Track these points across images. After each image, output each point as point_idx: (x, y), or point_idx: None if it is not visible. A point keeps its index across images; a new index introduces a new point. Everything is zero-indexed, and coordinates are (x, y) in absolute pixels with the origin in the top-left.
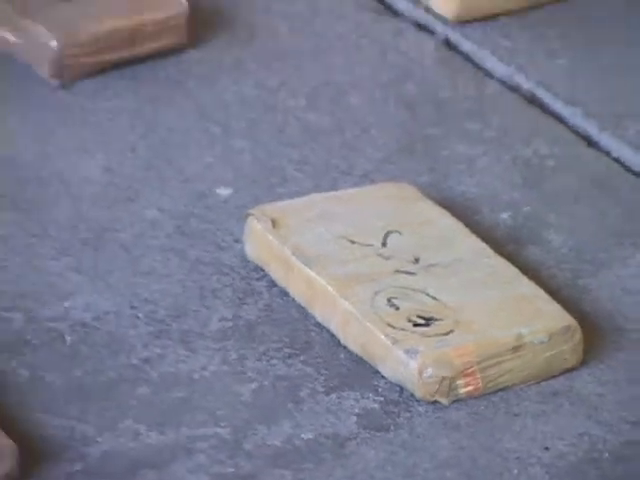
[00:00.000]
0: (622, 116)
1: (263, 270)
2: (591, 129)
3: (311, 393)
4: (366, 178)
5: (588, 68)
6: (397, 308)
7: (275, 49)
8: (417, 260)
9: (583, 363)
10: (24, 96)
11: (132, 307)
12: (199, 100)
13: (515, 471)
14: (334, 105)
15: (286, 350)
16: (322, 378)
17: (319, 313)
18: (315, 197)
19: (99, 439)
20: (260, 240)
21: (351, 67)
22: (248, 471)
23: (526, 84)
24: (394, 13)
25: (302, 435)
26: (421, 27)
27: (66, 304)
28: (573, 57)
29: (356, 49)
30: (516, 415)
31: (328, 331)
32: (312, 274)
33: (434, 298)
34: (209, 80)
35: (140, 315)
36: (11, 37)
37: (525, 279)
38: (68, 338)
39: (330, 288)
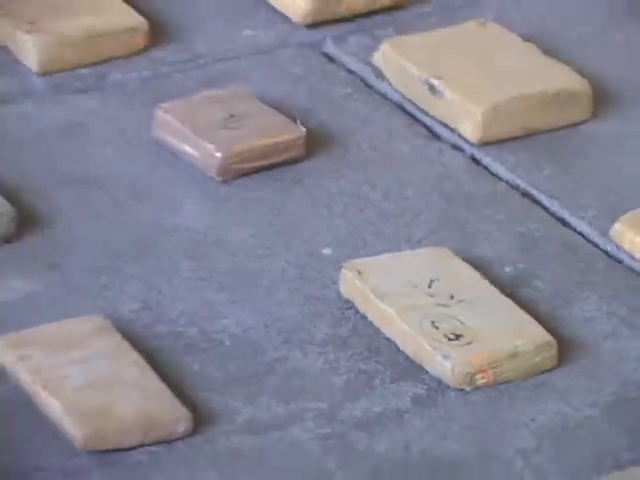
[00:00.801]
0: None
1: (351, 303)
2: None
3: (381, 382)
4: (419, 244)
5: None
6: (437, 328)
7: (361, 159)
8: (452, 297)
9: (557, 366)
10: (198, 187)
11: (266, 325)
12: (312, 193)
13: (511, 432)
14: (398, 197)
15: (365, 354)
16: (388, 373)
17: (387, 331)
18: (386, 256)
19: (244, 410)
20: (350, 283)
21: (409, 173)
22: (339, 432)
23: (524, 186)
24: (437, 137)
25: (374, 409)
26: (456, 147)
27: (224, 322)
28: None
29: (413, 161)
30: (513, 398)
31: (393, 343)
32: (383, 305)
33: (462, 322)
34: (320, 179)
35: (272, 330)
36: (190, 150)
37: (520, 310)
38: (226, 344)
39: (395, 315)
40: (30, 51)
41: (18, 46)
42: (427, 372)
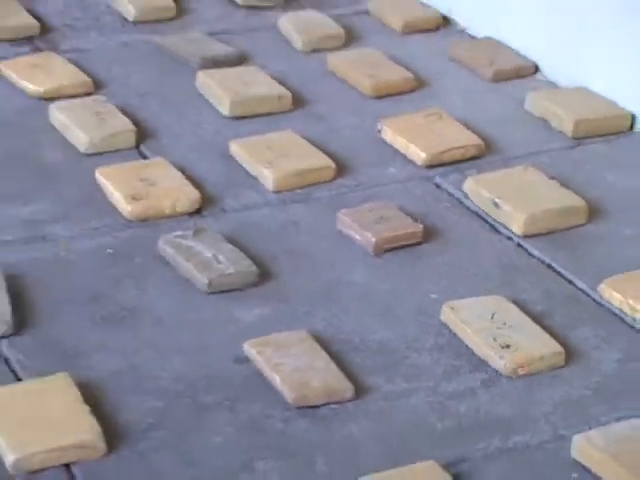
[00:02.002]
0: None
1: (447, 327)
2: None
3: (465, 372)
4: (488, 292)
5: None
6: (496, 340)
7: (454, 243)
8: (504, 323)
9: (564, 366)
10: (362, 259)
11: (397, 337)
12: (427, 263)
13: (537, 403)
14: (474, 265)
15: (454, 356)
16: (467, 366)
17: (468, 342)
18: (468, 299)
19: (385, 385)
20: (447, 315)
21: (481, 251)
22: (439, 400)
23: (548, 260)
24: (498, 232)
25: (459, 387)
26: (509, 238)
27: (375, 335)
28: None
29: (483, 245)
30: (539, 384)
31: (471, 349)
32: (466, 327)
33: (510, 337)
34: (431, 255)
35: (400, 339)
36: (358, 236)
37: (543, 332)
38: (374, 347)
39: (472, 333)
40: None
41: (261, 175)
42: (490, 366)
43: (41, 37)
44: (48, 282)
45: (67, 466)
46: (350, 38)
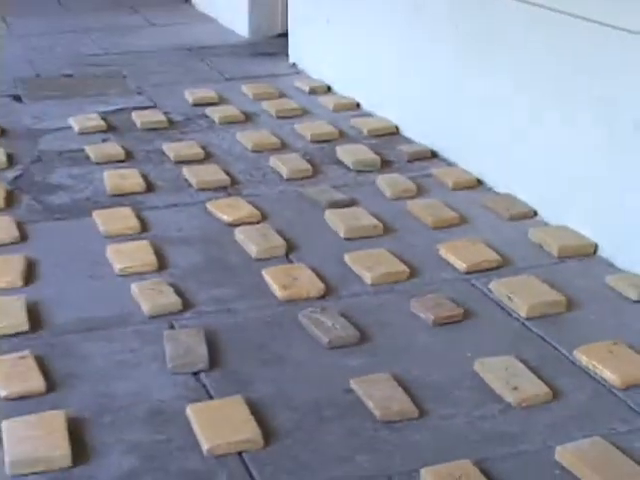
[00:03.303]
0: None
1: None
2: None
3: (488, 403)
4: None
5: None
6: (507, 383)
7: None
8: None
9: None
10: (419, 329)
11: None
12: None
13: None
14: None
15: (482, 397)
16: (490, 400)
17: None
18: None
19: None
20: None
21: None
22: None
23: None
24: (510, 315)
25: (488, 412)
26: (519, 321)
27: (432, 377)
28: None
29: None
30: None
31: (494, 391)
32: (491, 376)
33: None
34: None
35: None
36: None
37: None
38: (432, 385)
39: (494, 381)
40: (367, 276)
41: (364, 275)
42: (504, 400)
43: (232, 187)
44: (230, 338)
45: (240, 453)
46: (420, 192)
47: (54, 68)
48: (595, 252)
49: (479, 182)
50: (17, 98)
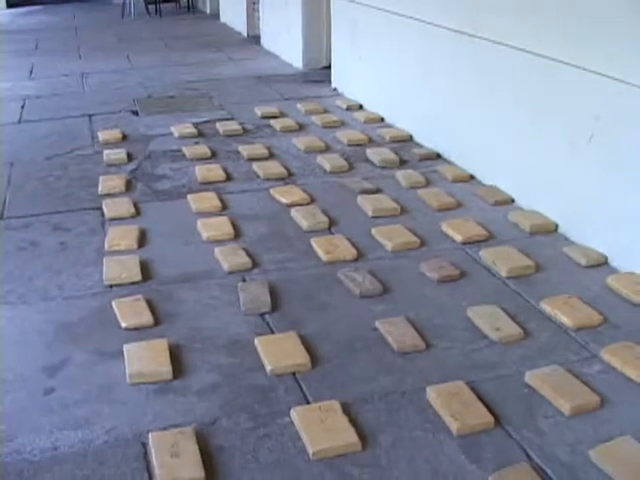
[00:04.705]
0: None
1: None
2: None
3: (479, 339)
4: None
5: None
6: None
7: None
8: None
9: None
10: (427, 284)
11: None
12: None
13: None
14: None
15: (470, 334)
16: (479, 337)
17: (480, 327)
18: None
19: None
20: None
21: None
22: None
23: None
24: (494, 275)
25: (481, 344)
26: (501, 280)
27: (435, 321)
28: None
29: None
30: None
31: (482, 331)
32: (480, 320)
33: None
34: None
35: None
36: (428, 273)
37: None
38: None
39: (482, 324)
40: (388, 245)
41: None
42: (488, 337)
43: (288, 178)
44: (287, 289)
45: (294, 374)
46: (427, 183)
47: (161, 91)
48: (556, 229)
49: (471, 177)
50: (135, 113)
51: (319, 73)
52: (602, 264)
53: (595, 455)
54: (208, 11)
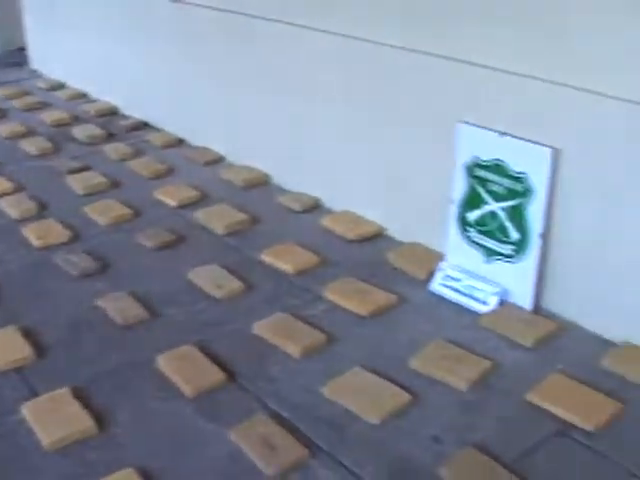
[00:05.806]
0: None
1: None
2: None
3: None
4: None
5: None
6: None
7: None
8: None
9: None
10: None
11: None
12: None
13: None
14: None
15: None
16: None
17: None
18: None
19: None
20: None
21: None
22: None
23: None
24: None
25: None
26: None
27: None
28: None
29: None
30: None
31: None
32: None
33: None
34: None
35: None
36: None
37: None
38: None
39: None
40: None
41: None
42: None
43: None
44: (4, 282)
45: (18, 369)
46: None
47: None
48: (270, 181)
49: (181, 141)
50: None
51: (18, 55)
52: (316, 207)
53: (328, 391)
54: None
